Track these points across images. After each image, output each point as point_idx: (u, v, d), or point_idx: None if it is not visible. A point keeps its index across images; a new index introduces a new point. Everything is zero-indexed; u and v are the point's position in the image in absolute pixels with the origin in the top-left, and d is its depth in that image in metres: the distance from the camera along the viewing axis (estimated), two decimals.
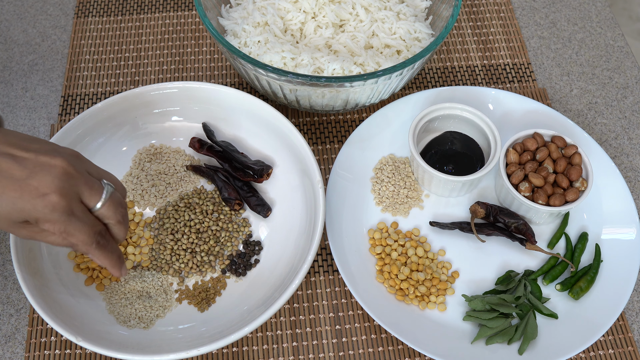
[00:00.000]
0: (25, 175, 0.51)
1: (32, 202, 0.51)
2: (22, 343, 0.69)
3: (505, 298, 0.68)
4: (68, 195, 0.52)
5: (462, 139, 0.79)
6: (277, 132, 0.74)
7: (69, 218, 0.52)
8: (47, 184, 0.51)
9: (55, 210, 0.52)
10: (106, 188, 0.55)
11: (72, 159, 0.54)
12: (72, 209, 0.53)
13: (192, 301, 0.69)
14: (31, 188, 0.51)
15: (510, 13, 0.95)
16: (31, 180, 0.51)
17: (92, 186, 0.54)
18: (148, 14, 0.94)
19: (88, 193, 0.54)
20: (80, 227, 0.53)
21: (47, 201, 0.51)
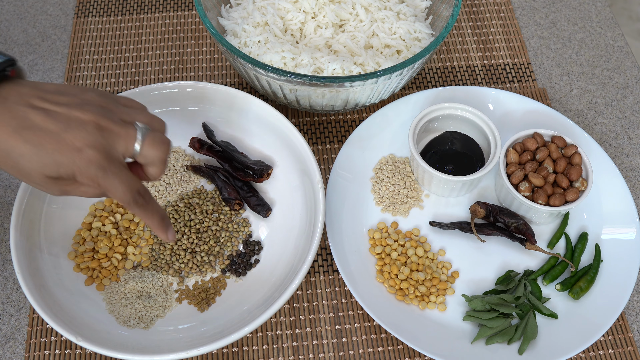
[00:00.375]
0: (59, 129, 0.51)
1: (70, 156, 0.51)
2: (22, 343, 0.69)
3: (505, 298, 0.68)
4: (103, 149, 0.52)
5: (462, 139, 0.79)
6: (277, 132, 0.74)
7: (105, 173, 0.52)
8: (82, 139, 0.51)
9: (91, 164, 0.51)
10: (139, 131, 0.54)
11: (103, 111, 0.53)
12: (108, 164, 0.52)
13: (192, 301, 0.69)
14: (67, 142, 0.51)
15: (510, 13, 0.95)
16: (66, 134, 0.51)
17: (126, 134, 0.54)
18: (148, 14, 0.94)
19: (123, 142, 0.54)
20: (117, 184, 0.53)
21: (83, 155, 0.51)
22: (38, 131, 0.51)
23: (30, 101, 0.52)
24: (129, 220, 0.73)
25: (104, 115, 0.53)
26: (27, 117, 0.51)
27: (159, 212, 0.58)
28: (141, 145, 0.54)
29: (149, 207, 0.56)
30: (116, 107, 0.55)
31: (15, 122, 0.50)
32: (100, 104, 0.54)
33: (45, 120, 0.51)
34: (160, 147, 0.55)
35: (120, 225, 0.72)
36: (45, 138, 0.51)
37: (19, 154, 0.51)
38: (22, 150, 0.50)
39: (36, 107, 0.52)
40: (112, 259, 0.70)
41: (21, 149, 0.50)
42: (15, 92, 0.52)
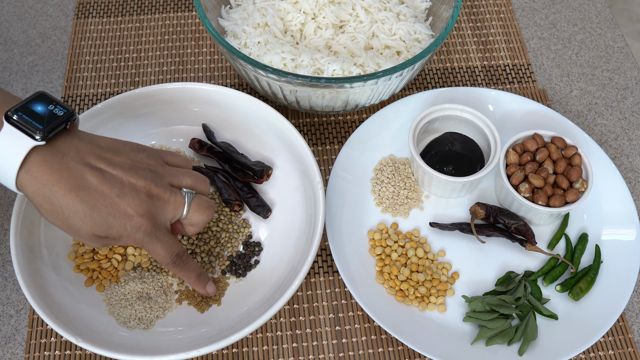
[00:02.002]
0: (114, 193, 0.54)
1: (121, 221, 0.54)
2: (22, 344, 0.69)
3: (505, 299, 0.68)
4: (152, 217, 0.56)
5: (462, 139, 0.79)
6: (277, 133, 0.74)
7: (151, 239, 0.56)
8: (134, 206, 0.54)
9: (139, 231, 0.55)
10: (187, 197, 0.58)
11: (153, 175, 0.57)
12: (155, 231, 0.56)
13: (192, 302, 0.69)
14: (121, 207, 0.54)
15: (510, 14, 0.95)
16: (120, 199, 0.54)
17: (175, 202, 0.58)
18: (148, 14, 0.94)
19: (172, 209, 0.58)
20: (159, 248, 0.57)
21: (133, 222, 0.55)
22: (94, 193, 0.53)
23: (87, 159, 0.54)
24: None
25: (155, 182, 0.57)
26: (85, 176, 0.53)
27: (195, 270, 0.63)
28: (188, 211, 0.58)
29: (186, 267, 0.61)
30: (164, 169, 0.59)
31: (73, 181, 0.53)
32: (150, 167, 0.58)
33: (101, 183, 0.54)
34: (206, 212, 0.60)
35: None
36: (100, 200, 0.54)
37: (73, 212, 0.53)
38: (77, 208, 0.53)
39: (93, 167, 0.54)
40: (112, 260, 0.70)
41: (76, 207, 0.53)
42: (74, 147, 0.54)
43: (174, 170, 0.60)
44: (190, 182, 0.60)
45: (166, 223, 0.58)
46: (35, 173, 0.52)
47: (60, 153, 0.53)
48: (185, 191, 0.59)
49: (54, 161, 0.53)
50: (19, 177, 0.52)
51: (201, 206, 0.60)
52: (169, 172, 0.59)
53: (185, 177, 0.60)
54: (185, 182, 0.60)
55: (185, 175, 0.60)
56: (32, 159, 0.52)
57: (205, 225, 0.62)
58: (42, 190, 0.52)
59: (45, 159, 0.52)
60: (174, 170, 0.60)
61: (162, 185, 0.57)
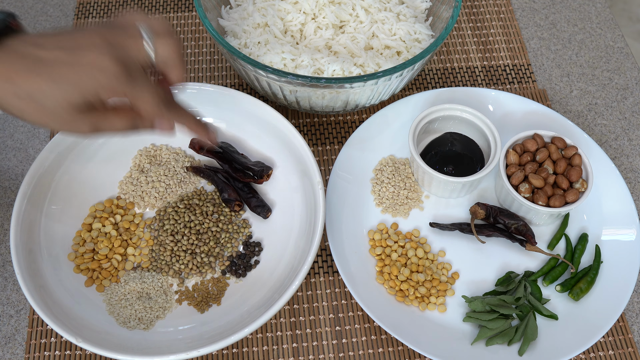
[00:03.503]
0: (71, 56, 0.51)
1: (90, 74, 0.51)
2: (22, 344, 0.69)
3: (505, 299, 0.68)
4: (119, 58, 0.52)
5: (462, 140, 0.79)
6: (277, 133, 0.74)
7: (129, 80, 0.52)
8: (99, 57, 0.51)
9: (113, 75, 0.52)
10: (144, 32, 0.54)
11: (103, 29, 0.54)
12: (129, 72, 0.52)
13: (192, 302, 0.69)
14: (82, 63, 0.51)
15: (510, 14, 0.95)
16: (79, 57, 0.51)
17: (133, 36, 0.54)
18: (148, 15, 0.94)
19: (134, 46, 0.54)
20: (144, 89, 0.53)
21: (102, 69, 0.51)
22: (52, 63, 0.51)
23: (35, 41, 0.52)
24: (128, 221, 0.73)
25: (108, 31, 0.53)
26: (36, 54, 0.51)
27: (191, 114, 0.58)
28: (154, 50, 0.54)
29: (181, 109, 0.57)
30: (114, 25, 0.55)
31: (26, 62, 0.51)
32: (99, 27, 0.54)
33: (54, 53, 0.51)
34: (172, 44, 0.55)
35: (120, 226, 0.72)
36: (62, 67, 0.51)
37: (40, 92, 0.51)
38: (42, 86, 0.51)
39: (43, 46, 0.52)
40: (112, 260, 0.70)
41: (41, 86, 0.51)
42: (19, 39, 0.52)
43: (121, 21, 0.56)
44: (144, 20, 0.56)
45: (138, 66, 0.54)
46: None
47: (7, 46, 0.52)
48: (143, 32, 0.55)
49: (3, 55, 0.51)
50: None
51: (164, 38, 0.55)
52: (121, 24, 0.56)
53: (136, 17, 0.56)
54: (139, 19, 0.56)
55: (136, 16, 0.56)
56: None
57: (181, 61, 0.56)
58: (4, 87, 0.51)
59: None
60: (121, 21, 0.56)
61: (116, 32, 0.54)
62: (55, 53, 0.51)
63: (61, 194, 0.71)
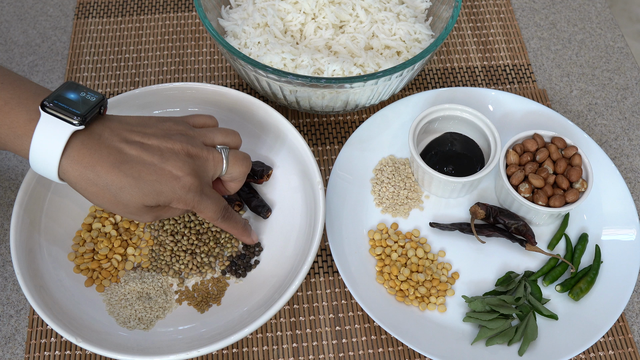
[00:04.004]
0: (156, 160, 0.55)
1: (169, 185, 0.55)
2: (22, 344, 0.69)
3: (505, 299, 0.68)
4: (198, 175, 0.56)
5: (462, 140, 0.79)
6: (277, 133, 0.74)
7: (202, 197, 0.57)
8: (179, 168, 0.55)
9: (190, 191, 0.56)
10: (223, 152, 0.60)
11: (187, 138, 0.58)
12: (203, 188, 0.57)
13: (192, 302, 0.69)
14: (166, 172, 0.55)
15: (510, 14, 0.95)
16: (164, 165, 0.55)
17: (213, 158, 0.59)
18: (148, 15, 0.94)
19: (212, 166, 0.59)
20: (209, 205, 0.58)
21: (182, 183, 0.55)
22: (136, 164, 0.54)
23: (122, 135, 0.55)
24: (128, 221, 0.73)
25: (190, 143, 0.57)
26: (124, 151, 0.54)
27: (241, 221, 0.65)
28: (227, 166, 0.60)
29: (233, 219, 0.62)
30: (194, 131, 0.60)
31: (113, 158, 0.53)
32: (180, 132, 0.58)
33: (141, 154, 0.54)
34: (244, 164, 0.61)
35: (120, 226, 0.72)
36: (144, 170, 0.54)
37: (119, 187, 0.53)
38: (123, 183, 0.53)
39: (129, 141, 0.55)
40: (112, 260, 0.70)
41: (122, 182, 0.53)
42: (107, 128, 0.55)
43: (204, 130, 0.61)
44: (222, 138, 0.61)
45: (209, 181, 0.59)
46: (76, 157, 0.53)
47: (96, 135, 0.54)
48: (220, 147, 0.60)
49: (91, 143, 0.53)
50: (61, 165, 0.53)
51: (238, 158, 0.61)
52: (200, 132, 0.60)
53: (215, 134, 0.61)
54: (218, 139, 0.61)
55: (216, 132, 0.62)
56: (71, 145, 0.53)
57: (244, 177, 0.63)
58: (84, 173, 0.53)
59: (83, 142, 0.53)
60: (204, 130, 0.61)
61: (197, 145, 0.58)
62: (141, 154, 0.54)
63: (61, 193, 0.71)
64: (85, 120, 0.53)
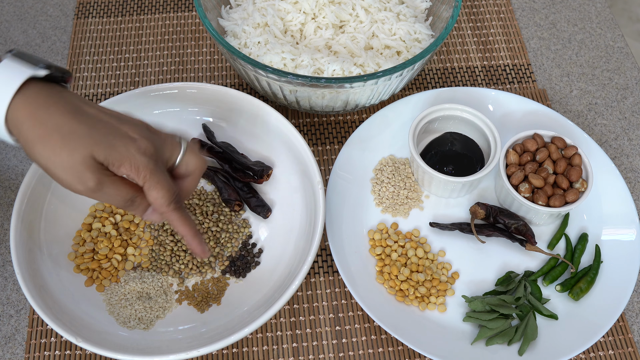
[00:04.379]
0: (114, 121, 0.53)
1: (124, 141, 0.52)
2: (22, 344, 0.69)
3: (505, 299, 0.68)
4: (155, 146, 0.54)
5: (462, 139, 0.79)
6: (277, 133, 0.74)
7: (155, 166, 0.53)
8: (136, 132, 0.53)
9: (145, 154, 0.52)
10: (182, 142, 0.57)
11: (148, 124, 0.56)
12: (157, 161, 0.54)
13: (192, 302, 0.69)
14: (122, 132, 0.53)
15: (510, 14, 0.95)
16: (120, 125, 0.53)
17: (172, 141, 0.56)
18: (148, 14, 0.94)
19: (169, 148, 0.56)
20: (162, 180, 0.54)
21: (137, 145, 0.52)
22: (92, 118, 0.52)
23: (82, 99, 0.54)
24: (128, 221, 0.73)
25: (151, 126, 0.56)
26: (82, 108, 0.52)
27: (193, 223, 0.59)
28: (183, 154, 0.57)
29: (184, 214, 0.57)
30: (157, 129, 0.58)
31: (70, 107, 0.52)
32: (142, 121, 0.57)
33: (99, 113, 0.53)
34: (200, 158, 0.58)
35: (120, 226, 0.72)
36: (100, 124, 0.52)
37: (69, 131, 0.50)
38: (74, 127, 0.51)
39: (88, 104, 0.54)
40: (112, 260, 0.70)
41: (74, 127, 0.51)
42: (69, 92, 0.54)
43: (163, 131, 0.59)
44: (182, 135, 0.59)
45: (164, 162, 0.56)
46: (32, 96, 0.51)
47: (57, 89, 0.53)
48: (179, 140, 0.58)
49: (51, 91, 0.52)
50: (13, 103, 0.50)
51: (195, 152, 0.58)
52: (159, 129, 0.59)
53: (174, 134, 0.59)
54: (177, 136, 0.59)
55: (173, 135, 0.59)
56: (31, 87, 0.51)
57: (198, 177, 0.58)
58: (35, 112, 0.50)
59: (42, 87, 0.52)
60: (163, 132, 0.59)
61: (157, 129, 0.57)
62: (99, 113, 0.53)
63: (61, 193, 0.71)
64: (50, 71, 0.52)
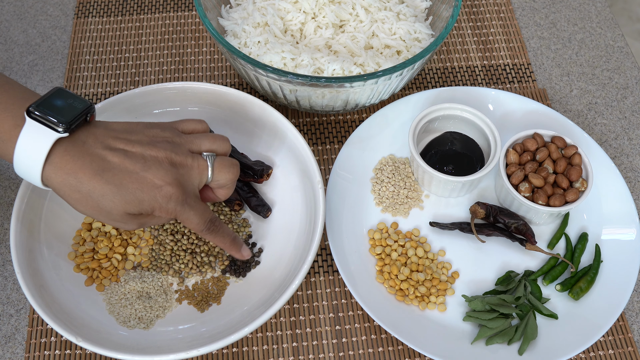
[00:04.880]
0: (139, 168, 0.54)
1: (151, 194, 0.54)
2: (22, 343, 0.69)
3: (505, 298, 0.68)
4: (180, 184, 0.56)
5: (462, 139, 0.79)
6: (277, 133, 0.74)
7: (184, 207, 0.56)
8: (161, 177, 0.55)
9: (171, 200, 0.55)
10: (208, 160, 0.58)
11: (172, 146, 0.57)
12: (186, 198, 0.56)
13: (192, 301, 0.69)
14: (148, 181, 0.54)
15: (510, 13, 0.95)
16: (145, 173, 0.54)
17: (198, 166, 0.58)
18: (148, 14, 0.94)
19: (197, 174, 0.58)
20: (192, 216, 0.57)
21: (163, 192, 0.55)
22: (118, 172, 0.54)
23: (106, 142, 0.55)
24: None
25: (174, 151, 0.57)
26: (106, 159, 0.54)
27: (229, 235, 0.62)
28: (212, 173, 0.58)
29: (219, 232, 0.61)
30: (180, 138, 0.59)
31: (96, 165, 0.53)
32: (166, 139, 0.58)
33: (123, 161, 0.54)
34: (230, 171, 0.60)
35: None
36: (126, 178, 0.54)
37: (101, 195, 0.53)
38: (104, 190, 0.53)
39: (113, 149, 0.55)
40: (112, 259, 0.70)
41: (103, 190, 0.53)
42: (92, 135, 0.55)
43: (191, 137, 0.60)
44: (208, 144, 0.60)
45: (195, 190, 0.58)
46: (59, 164, 0.53)
47: (80, 142, 0.54)
48: (206, 154, 0.59)
49: (75, 150, 0.53)
50: (44, 171, 0.53)
51: (224, 165, 0.60)
52: (186, 139, 0.60)
53: (202, 140, 0.60)
54: (205, 146, 0.60)
55: (203, 139, 0.60)
56: (55, 151, 0.53)
57: (233, 184, 0.61)
58: (67, 179, 0.53)
59: (66, 149, 0.53)
60: (191, 137, 0.60)
61: (182, 153, 0.58)
62: (123, 161, 0.54)
63: None
64: (70, 127, 0.53)
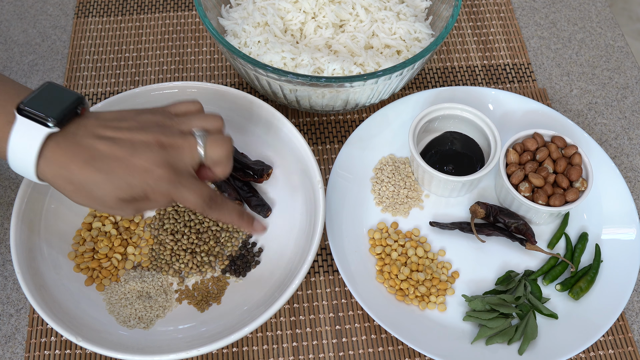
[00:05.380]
0: (127, 154, 0.54)
1: (141, 177, 0.54)
2: (22, 343, 0.69)
3: (505, 298, 0.68)
4: (170, 165, 0.55)
5: (462, 139, 0.79)
6: (277, 132, 0.74)
7: (177, 188, 0.56)
8: (149, 159, 0.55)
9: (162, 181, 0.55)
10: (199, 138, 0.58)
11: (161, 129, 0.57)
12: (178, 178, 0.56)
13: (192, 301, 0.69)
14: (136, 165, 0.54)
15: (510, 13, 0.95)
16: (133, 158, 0.54)
17: (188, 145, 0.57)
18: (148, 14, 0.94)
19: (188, 153, 0.57)
20: (187, 194, 0.56)
21: (153, 175, 0.55)
22: (107, 159, 0.54)
23: (95, 132, 0.55)
24: (128, 220, 0.73)
25: (164, 133, 0.57)
26: (95, 147, 0.54)
27: (235, 209, 0.61)
28: (204, 150, 0.58)
29: (223, 208, 0.60)
30: (171, 120, 0.59)
31: (85, 155, 0.54)
32: (157, 123, 0.58)
33: (112, 148, 0.54)
34: (222, 146, 0.59)
35: (120, 225, 0.72)
36: (115, 164, 0.54)
37: (93, 183, 0.54)
38: (95, 179, 0.54)
39: (101, 137, 0.55)
40: (112, 259, 0.70)
41: (94, 178, 0.54)
42: (82, 126, 0.55)
43: (182, 118, 0.60)
44: (199, 123, 0.60)
45: (188, 169, 0.58)
46: (51, 157, 0.53)
47: (71, 134, 0.55)
48: (197, 133, 0.58)
49: (65, 142, 0.54)
50: (39, 166, 0.54)
51: (216, 141, 0.59)
52: (177, 121, 0.59)
53: (193, 120, 0.60)
54: (195, 124, 0.59)
55: (194, 118, 0.60)
56: (47, 146, 0.53)
57: (228, 159, 0.60)
58: (60, 172, 0.54)
59: (57, 142, 0.54)
60: (182, 118, 0.60)
61: (171, 134, 0.57)
62: (112, 148, 0.55)
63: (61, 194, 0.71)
64: (61, 122, 0.54)
